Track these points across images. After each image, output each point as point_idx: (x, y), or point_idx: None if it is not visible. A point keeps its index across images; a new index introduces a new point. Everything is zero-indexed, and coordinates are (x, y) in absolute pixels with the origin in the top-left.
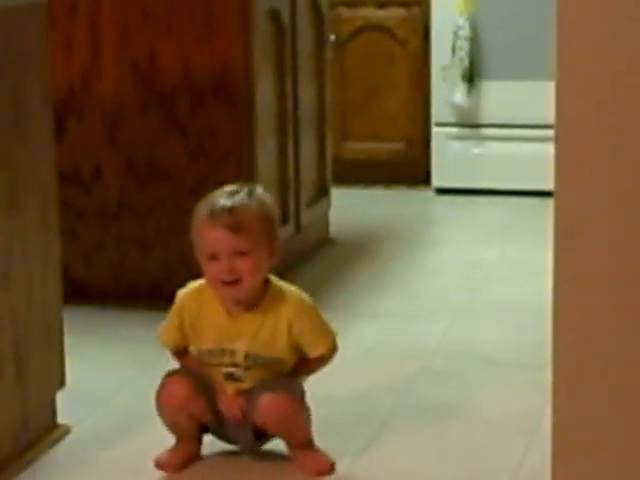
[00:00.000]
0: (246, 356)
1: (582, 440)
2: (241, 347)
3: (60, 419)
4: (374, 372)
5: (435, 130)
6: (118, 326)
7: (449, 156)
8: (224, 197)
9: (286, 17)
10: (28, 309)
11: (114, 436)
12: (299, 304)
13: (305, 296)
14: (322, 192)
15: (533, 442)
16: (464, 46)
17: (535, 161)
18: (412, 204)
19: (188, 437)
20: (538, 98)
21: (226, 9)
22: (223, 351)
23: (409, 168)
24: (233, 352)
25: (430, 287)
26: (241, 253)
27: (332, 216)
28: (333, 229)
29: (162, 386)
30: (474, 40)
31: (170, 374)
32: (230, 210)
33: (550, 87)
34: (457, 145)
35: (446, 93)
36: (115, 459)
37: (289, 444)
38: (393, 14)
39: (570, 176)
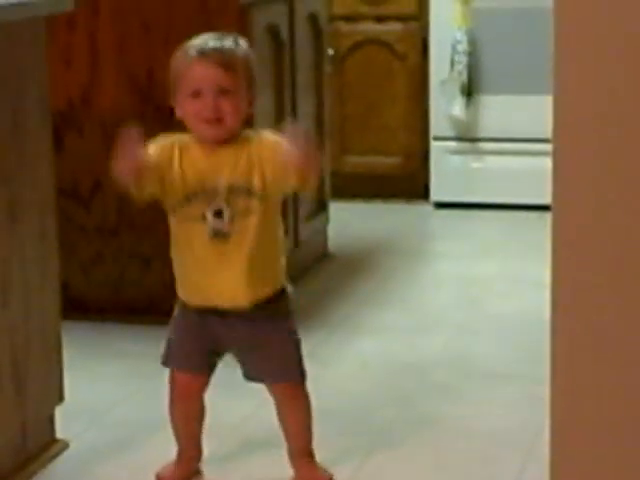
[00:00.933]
0: (229, 188)
1: (579, 455)
2: (222, 181)
3: (59, 434)
4: (373, 386)
5: (434, 144)
6: (117, 341)
7: (448, 170)
8: (212, 40)
9: (285, 32)
10: (27, 324)
11: (113, 451)
12: (269, 135)
13: (270, 134)
14: (320, 207)
15: (531, 456)
16: (462, 60)
17: (534, 175)
18: (411, 218)
19: (191, 445)
20: (537, 112)
21: (225, 24)
22: (205, 191)
23: (408, 182)
24: (215, 190)
25: (429, 301)
26: (225, 92)
27: (331, 230)
28: (332, 243)
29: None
30: (472, 54)
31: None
32: (220, 49)
33: (548, 101)
34: (456, 159)
35: (445, 107)
36: (114, 474)
37: (291, 449)
38: (392, 28)
39: (567, 190)
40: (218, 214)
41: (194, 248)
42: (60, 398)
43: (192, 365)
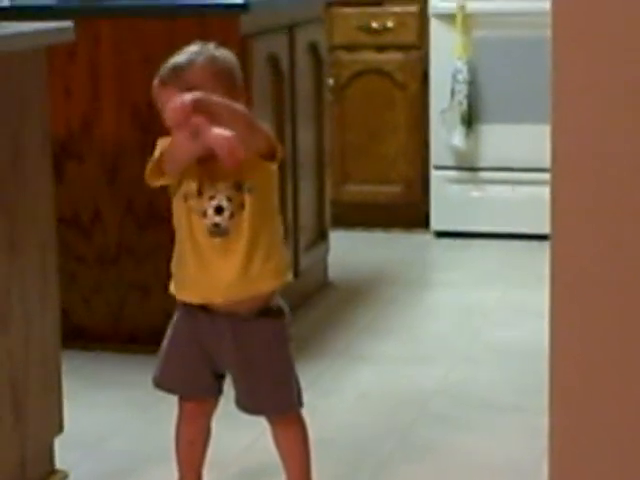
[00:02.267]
0: (234, 184)
1: None
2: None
3: (58, 464)
4: (373, 416)
5: (434, 173)
6: (117, 370)
7: (448, 199)
8: (172, 59)
9: (285, 62)
10: (26, 353)
11: None
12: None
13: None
14: (321, 236)
15: None
16: (463, 90)
17: (534, 204)
18: (411, 247)
19: (192, 474)
20: (536, 141)
21: None
22: (211, 187)
23: (408, 211)
24: (216, 186)
25: (429, 330)
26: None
27: (331, 259)
28: (332, 272)
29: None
30: (473, 84)
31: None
32: (175, 70)
33: (548, 131)
34: (456, 188)
35: (445, 136)
36: None
37: (290, 479)
38: (392, 58)
39: (566, 219)
40: (218, 210)
41: (195, 241)
42: (60, 428)
43: (196, 392)
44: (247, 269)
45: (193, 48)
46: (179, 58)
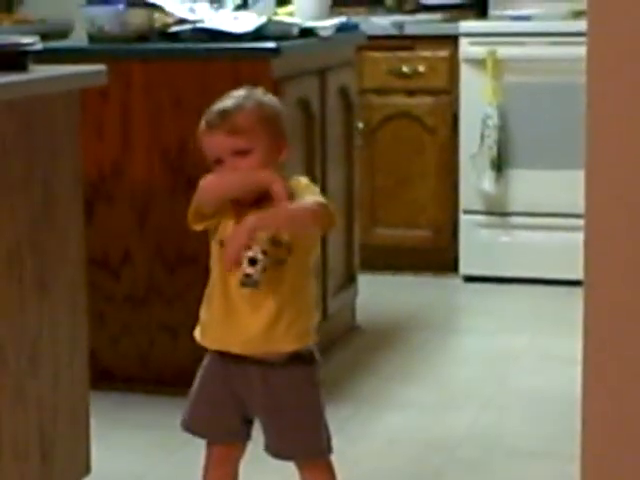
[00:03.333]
0: (269, 239)
1: None
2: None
3: None
4: (401, 462)
5: (463, 218)
6: (144, 412)
7: (477, 244)
8: (219, 103)
9: (316, 105)
10: (55, 393)
11: None
12: (299, 181)
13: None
14: (349, 279)
15: None
16: (492, 134)
17: (563, 250)
18: (440, 292)
19: None
20: (566, 187)
21: None
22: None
23: (437, 255)
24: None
25: (458, 376)
26: (241, 153)
27: (359, 302)
28: (360, 316)
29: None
30: (502, 129)
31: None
32: (223, 114)
33: (578, 176)
34: (485, 233)
35: (474, 181)
36: None
37: None
38: (422, 102)
39: (600, 266)
40: (252, 262)
41: (225, 288)
42: (87, 470)
43: (225, 437)
44: (272, 328)
45: (240, 92)
46: (226, 102)
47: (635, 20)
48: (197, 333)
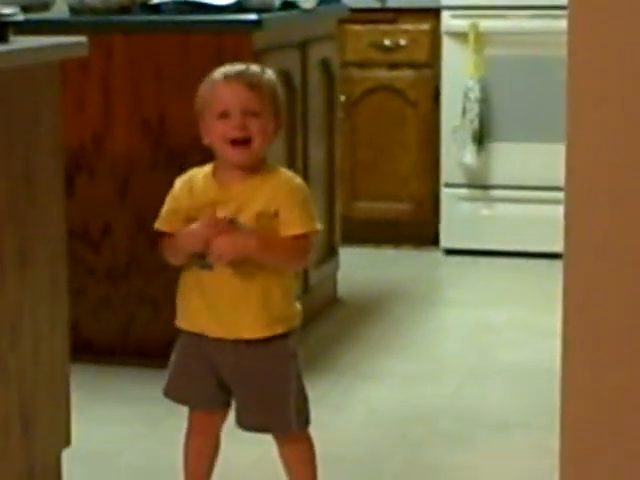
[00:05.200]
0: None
1: None
2: (222, 213)
3: (65, 478)
4: (381, 433)
5: (444, 191)
6: (125, 384)
7: (458, 217)
8: (238, 66)
9: (297, 78)
10: (35, 366)
11: None
12: (288, 180)
13: (300, 180)
14: (331, 252)
15: None
16: (474, 108)
17: (544, 223)
18: (421, 265)
19: None
20: (547, 160)
21: None
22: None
23: (418, 228)
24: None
25: (439, 349)
26: (252, 113)
27: (340, 275)
28: (341, 289)
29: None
30: (484, 102)
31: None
32: (246, 72)
33: (559, 149)
34: (466, 206)
35: (456, 154)
36: None
37: None
38: (404, 75)
39: (579, 239)
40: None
41: (201, 276)
42: (67, 441)
43: (204, 402)
44: (249, 315)
45: (243, 64)
46: (245, 65)
47: None
48: (181, 320)
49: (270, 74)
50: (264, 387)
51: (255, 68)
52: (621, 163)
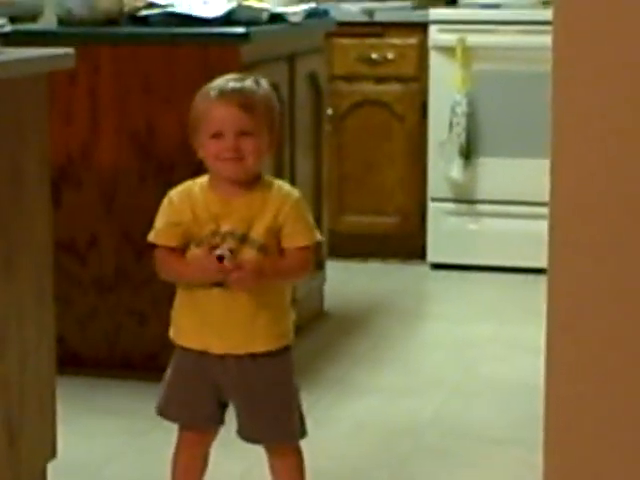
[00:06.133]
0: (231, 233)
1: None
2: (226, 227)
3: None
4: (367, 448)
5: (431, 205)
6: (112, 397)
7: (445, 231)
8: (232, 81)
9: (285, 91)
10: (21, 377)
11: None
12: (289, 193)
13: (298, 191)
14: (317, 266)
15: None
16: (461, 122)
17: (531, 238)
18: (407, 279)
19: None
20: (534, 175)
21: None
22: (214, 237)
23: (405, 243)
24: (222, 236)
25: (424, 363)
26: (246, 134)
27: (327, 289)
28: (328, 303)
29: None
30: (471, 116)
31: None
32: (240, 90)
33: (546, 165)
34: (453, 220)
35: (443, 168)
36: None
37: None
38: (391, 89)
39: (563, 255)
40: (220, 259)
41: (199, 291)
42: (53, 453)
43: (199, 421)
44: (251, 330)
45: (250, 77)
46: (241, 81)
47: (599, 9)
48: (172, 333)
49: (264, 86)
50: (270, 399)
51: (250, 84)
52: (605, 179)
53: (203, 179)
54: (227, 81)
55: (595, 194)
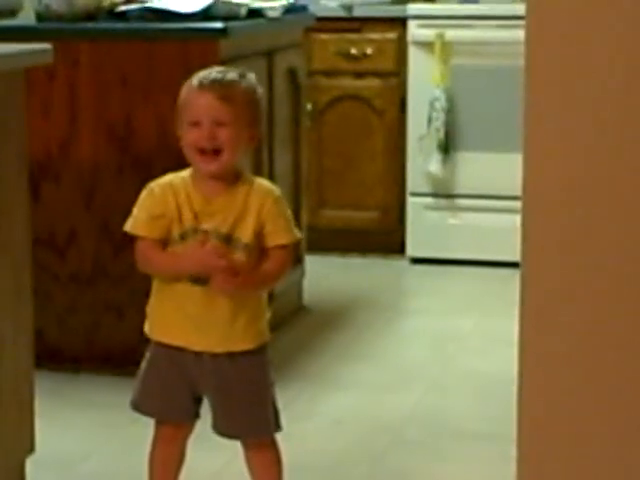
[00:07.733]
0: (215, 233)
1: None
2: (208, 225)
3: None
4: (346, 442)
5: (410, 200)
6: (90, 391)
7: (424, 226)
8: (216, 72)
9: (263, 86)
10: None
11: None
12: (270, 191)
13: (277, 188)
14: (296, 260)
15: None
16: (440, 117)
17: (510, 232)
18: (387, 273)
19: None
20: (513, 170)
21: None
22: (196, 233)
23: (384, 237)
24: (204, 233)
25: (403, 357)
26: (222, 124)
27: (306, 284)
28: (307, 297)
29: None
30: (450, 111)
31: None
32: (220, 81)
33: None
34: (432, 215)
35: (422, 163)
36: None
37: None
38: (370, 84)
39: (536, 248)
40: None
41: (177, 288)
42: (31, 448)
43: (175, 416)
44: (230, 329)
45: (236, 70)
46: (224, 73)
47: (571, 3)
48: (147, 328)
49: (249, 80)
50: (245, 395)
51: (232, 76)
52: (577, 172)
53: (184, 173)
54: (211, 72)
55: (566, 188)
